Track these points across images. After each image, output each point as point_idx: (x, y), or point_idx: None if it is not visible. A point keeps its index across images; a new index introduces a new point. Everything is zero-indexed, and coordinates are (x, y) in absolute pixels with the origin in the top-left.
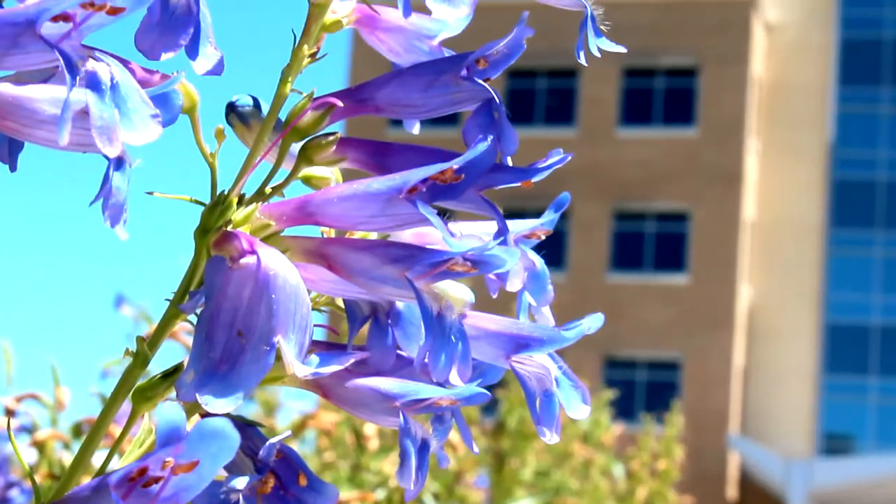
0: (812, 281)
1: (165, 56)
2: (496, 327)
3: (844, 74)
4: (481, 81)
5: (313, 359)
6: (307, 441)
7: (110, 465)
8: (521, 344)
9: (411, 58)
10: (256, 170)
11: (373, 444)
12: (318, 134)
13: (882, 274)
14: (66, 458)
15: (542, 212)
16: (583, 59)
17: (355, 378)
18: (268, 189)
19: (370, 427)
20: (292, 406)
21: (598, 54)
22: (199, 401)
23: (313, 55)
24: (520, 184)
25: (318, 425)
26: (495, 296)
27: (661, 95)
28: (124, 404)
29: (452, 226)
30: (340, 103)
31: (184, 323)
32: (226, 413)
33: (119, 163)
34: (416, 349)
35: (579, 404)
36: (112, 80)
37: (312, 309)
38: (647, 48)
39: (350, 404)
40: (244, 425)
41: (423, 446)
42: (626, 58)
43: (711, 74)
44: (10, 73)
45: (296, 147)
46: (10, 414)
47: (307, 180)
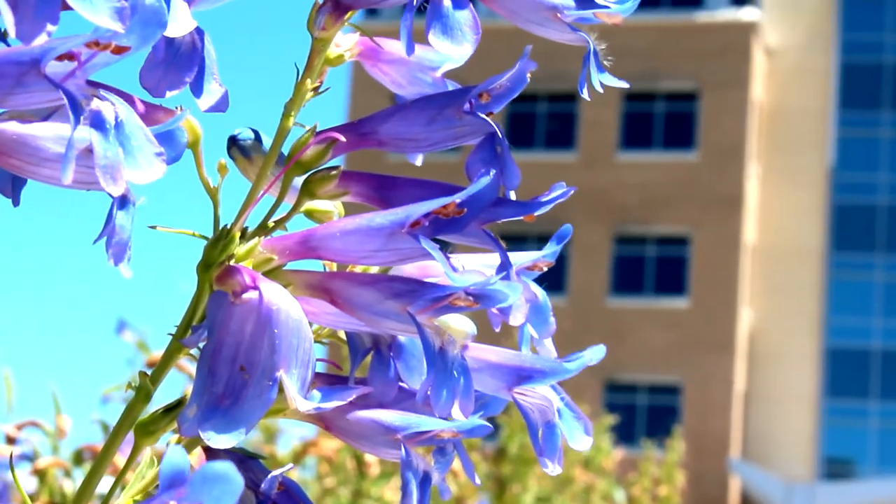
0: (812, 305)
1: (170, 94)
2: (498, 359)
3: (845, 98)
4: (484, 115)
5: (315, 394)
6: (308, 467)
7: (113, 499)
8: (524, 376)
9: (414, 89)
10: (259, 202)
11: (374, 470)
12: (320, 168)
13: (882, 298)
14: (67, 485)
15: (544, 235)
16: (585, 94)
17: (357, 410)
18: (270, 223)
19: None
20: (293, 432)
21: (600, 90)
22: (202, 436)
23: (316, 89)
24: (523, 216)
25: (319, 452)
26: (498, 329)
27: (661, 119)
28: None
29: (454, 258)
30: (343, 138)
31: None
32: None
33: (123, 201)
34: (418, 382)
35: (581, 435)
36: (116, 118)
37: (314, 341)
38: (648, 72)
39: (352, 437)
40: (246, 457)
41: (425, 479)
42: (626, 81)
43: (712, 98)
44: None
45: (298, 180)
46: (11, 441)
47: (310, 214)
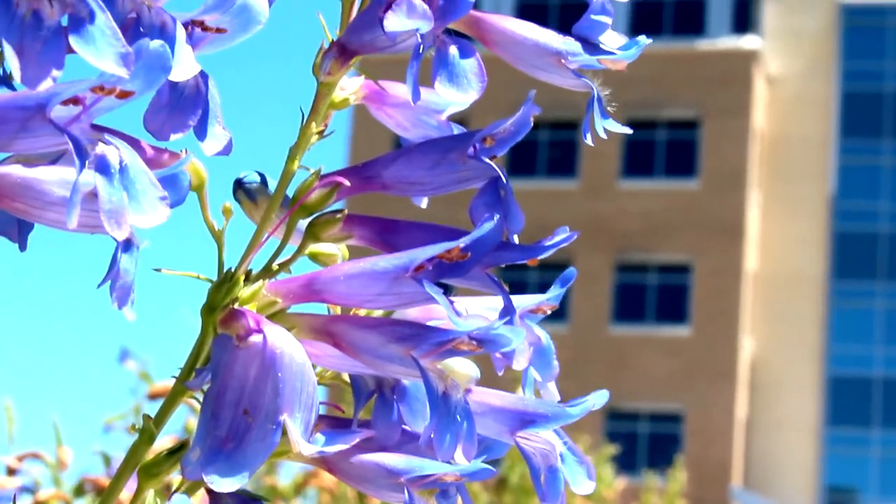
0: (814, 333)
1: (174, 137)
2: (501, 403)
3: (846, 127)
4: (488, 160)
5: (319, 437)
6: (309, 497)
7: None
8: (527, 420)
9: (419, 132)
10: (263, 244)
11: (375, 502)
12: (324, 211)
13: (884, 326)
14: None
15: (544, 263)
16: (589, 139)
17: (360, 453)
18: (275, 265)
19: None
20: (294, 463)
21: (604, 136)
22: (205, 479)
23: (321, 132)
24: (526, 262)
25: (320, 483)
26: (501, 373)
27: (662, 147)
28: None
29: (458, 302)
30: (347, 182)
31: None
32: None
33: (127, 245)
34: (421, 425)
35: (584, 480)
36: (121, 163)
37: (319, 383)
38: (649, 100)
39: (355, 479)
40: (249, 500)
41: None
42: (627, 110)
43: (713, 126)
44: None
45: (303, 223)
46: (11, 473)
47: (314, 257)
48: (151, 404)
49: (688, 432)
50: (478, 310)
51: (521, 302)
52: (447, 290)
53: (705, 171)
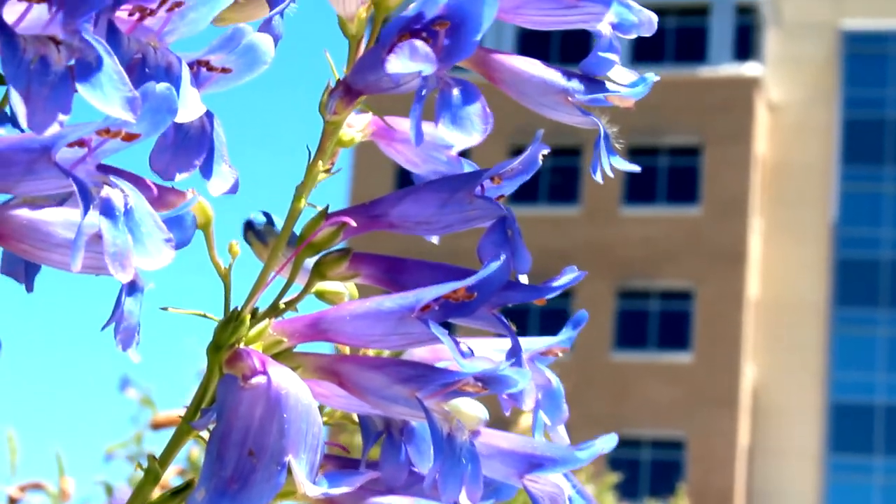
0: (816, 360)
1: (180, 177)
2: (509, 445)
3: (847, 154)
4: (495, 199)
5: (324, 478)
6: None
7: None
8: (535, 463)
9: (428, 168)
10: (270, 283)
11: None
12: (331, 249)
13: (886, 353)
14: None
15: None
16: (598, 177)
17: (367, 495)
18: (281, 304)
19: None
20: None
21: (611, 174)
22: None
23: (327, 170)
24: (533, 301)
25: None
26: (507, 413)
27: (664, 174)
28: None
29: (464, 343)
30: (354, 223)
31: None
32: None
33: (132, 288)
34: (428, 467)
35: None
36: (126, 205)
37: (327, 424)
38: (651, 127)
39: None
40: None
41: None
42: (629, 136)
43: (715, 153)
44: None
45: (309, 261)
46: (13, 503)
47: (320, 295)
48: (154, 434)
49: (690, 459)
50: (485, 350)
51: (531, 344)
52: (450, 328)
53: (707, 198)
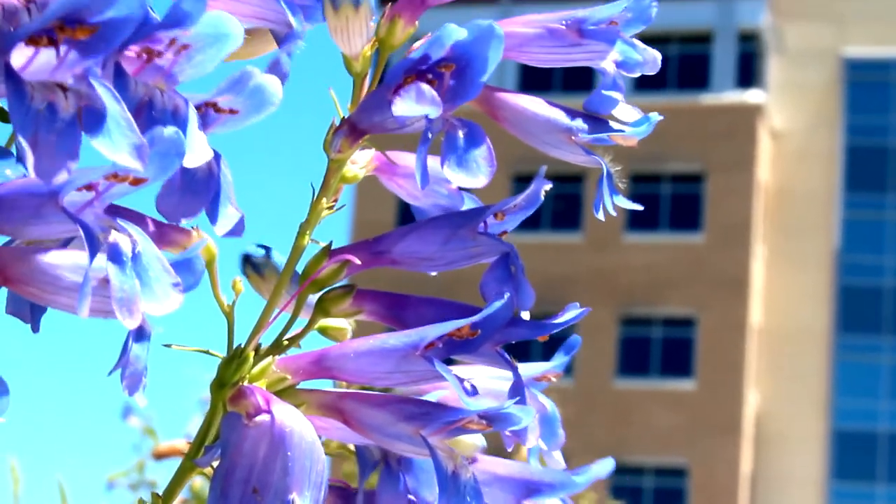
0: (819, 387)
1: (186, 220)
2: (507, 472)
3: (850, 181)
4: (498, 236)
5: None
6: None
7: None
8: (532, 489)
9: (430, 201)
10: (274, 320)
11: None
12: (335, 286)
13: (889, 380)
14: None
15: (548, 316)
16: (601, 215)
17: None
18: (285, 341)
19: None
20: None
21: (614, 213)
22: None
23: (331, 207)
24: (537, 338)
25: None
26: (510, 449)
27: (667, 201)
28: None
29: (464, 370)
30: (357, 261)
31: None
32: None
33: (139, 333)
34: (428, 494)
35: None
36: (133, 250)
37: (324, 454)
38: (654, 154)
39: None
40: None
41: None
42: (632, 163)
43: (718, 180)
44: None
45: (312, 297)
46: None
47: (324, 331)
48: (156, 464)
49: (693, 487)
50: (486, 379)
51: (527, 370)
52: (450, 361)
53: (710, 225)
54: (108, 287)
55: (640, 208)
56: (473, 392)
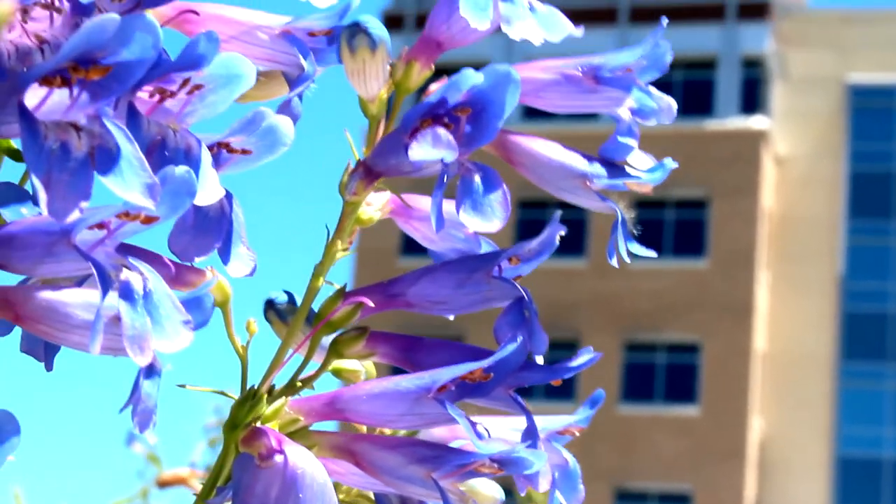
0: (823, 414)
1: (198, 259)
2: None
3: (854, 207)
4: (512, 280)
5: None
6: None
7: None
8: None
9: (446, 245)
10: (287, 361)
11: None
12: (348, 328)
13: (893, 407)
14: None
15: (556, 342)
16: (615, 262)
17: None
18: (298, 382)
19: None
20: None
21: (628, 260)
22: None
23: (345, 249)
24: (550, 382)
25: None
26: (523, 493)
27: (671, 227)
28: None
29: (480, 421)
30: (371, 303)
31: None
32: None
33: (150, 371)
34: None
35: None
36: (145, 288)
37: (343, 502)
38: None
39: None
40: None
41: None
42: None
43: (722, 206)
44: None
45: (326, 339)
46: None
47: (337, 373)
48: (160, 491)
49: None
50: (501, 430)
51: (548, 423)
52: (464, 406)
53: (714, 251)
54: (119, 325)
55: (654, 255)
56: (486, 436)
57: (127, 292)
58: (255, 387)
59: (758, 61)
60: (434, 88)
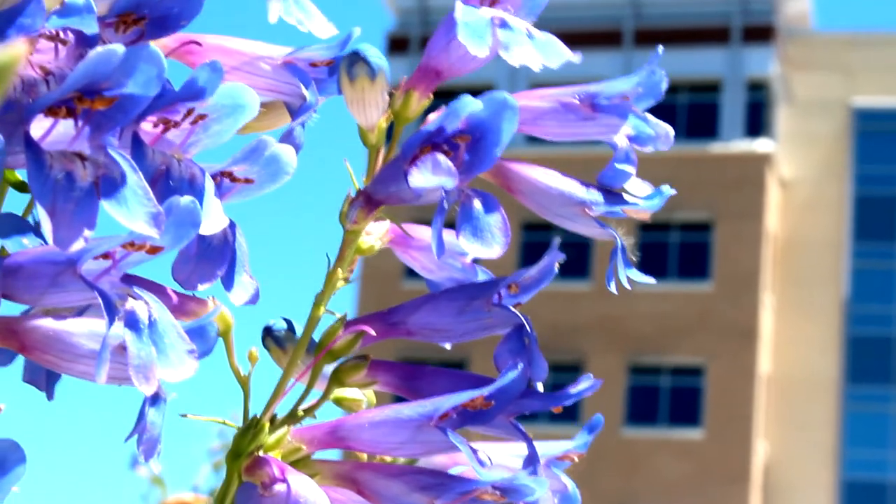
0: (828, 437)
1: (202, 287)
2: None
3: (859, 230)
4: (512, 308)
5: None
6: None
7: None
8: None
9: (444, 274)
10: (289, 390)
11: None
12: (350, 357)
13: None
14: None
15: (558, 364)
16: (613, 288)
17: None
18: (300, 411)
19: None
20: None
21: (627, 286)
22: None
23: (346, 278)
24: (550, 409)
25: None
26: None
27: (675, 249)
28: None
29: (482, 448)
30: (373, 332)
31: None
32: None
33: (155, 399)
34: None
35: None
36: (150, 317)
37: None
38: None
39: None
40: None
41: None
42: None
43: (726, 229)
44: None
45: (328, 368)
46: None
47: (339, 402)
48: None
49: None
50: (503, 457)
51: (547, 449)
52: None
53: (718, 274)
54: (124, 354)
55: (653, 281)
56: (488, 463)
57: (132, 322)
58: (258, 416)
59: (763, 84)
60: (433, 117)
